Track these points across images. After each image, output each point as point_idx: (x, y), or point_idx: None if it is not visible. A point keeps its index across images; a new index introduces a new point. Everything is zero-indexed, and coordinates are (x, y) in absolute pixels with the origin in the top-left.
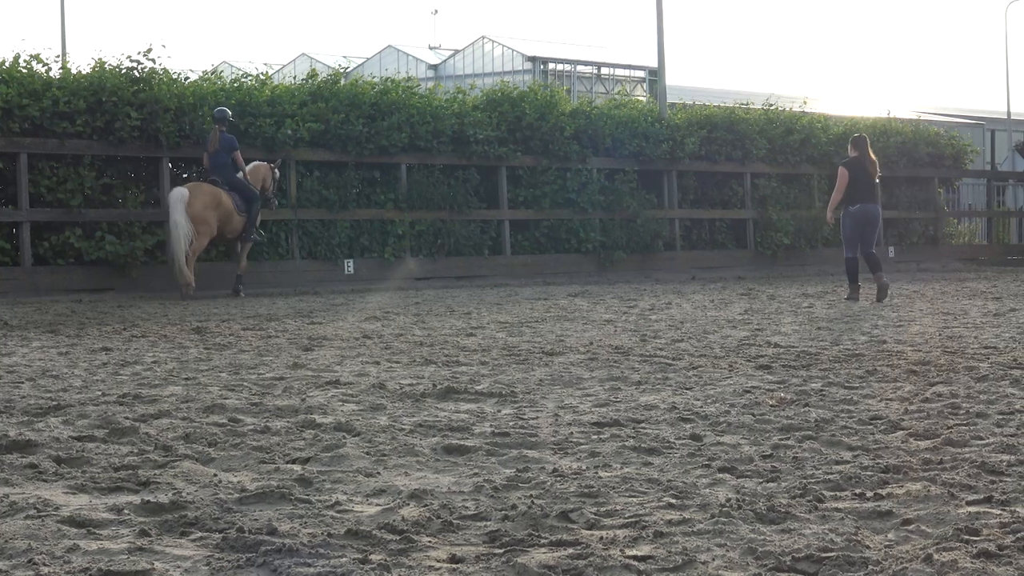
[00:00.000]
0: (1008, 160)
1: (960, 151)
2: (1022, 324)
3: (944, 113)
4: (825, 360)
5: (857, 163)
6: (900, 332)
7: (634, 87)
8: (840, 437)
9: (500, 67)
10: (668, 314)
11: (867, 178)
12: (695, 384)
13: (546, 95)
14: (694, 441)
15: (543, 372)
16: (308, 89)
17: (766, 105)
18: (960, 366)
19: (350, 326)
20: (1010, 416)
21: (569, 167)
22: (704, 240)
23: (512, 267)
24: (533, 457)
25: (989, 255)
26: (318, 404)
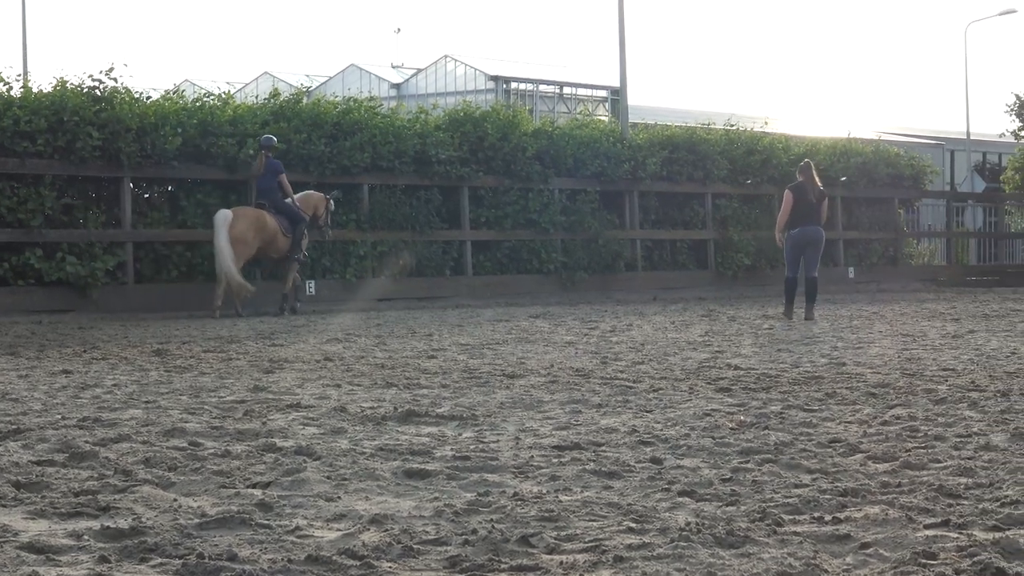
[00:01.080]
0: (967, 181)
1: (920, 172)
2: (980, 346)
3: (904, 133)
4: (785, 382)
5: (801, 188)
6: (859, 354)
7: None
8: (799, 460)
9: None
10: (629, 336)
11: (809, 202)
12: (655, 407)
13: (508, 115)
14: (654, 464)
15: (504, 395)
16: (270, 108)
17: (727, 125)
18: (919, 388)
19: (311, 348)
20: (968, 439)
21: (531, 187)
22: (665, 261)
23: (474, 288)
24: (494, 481)
25: (948, 276)
26: (279, 427)
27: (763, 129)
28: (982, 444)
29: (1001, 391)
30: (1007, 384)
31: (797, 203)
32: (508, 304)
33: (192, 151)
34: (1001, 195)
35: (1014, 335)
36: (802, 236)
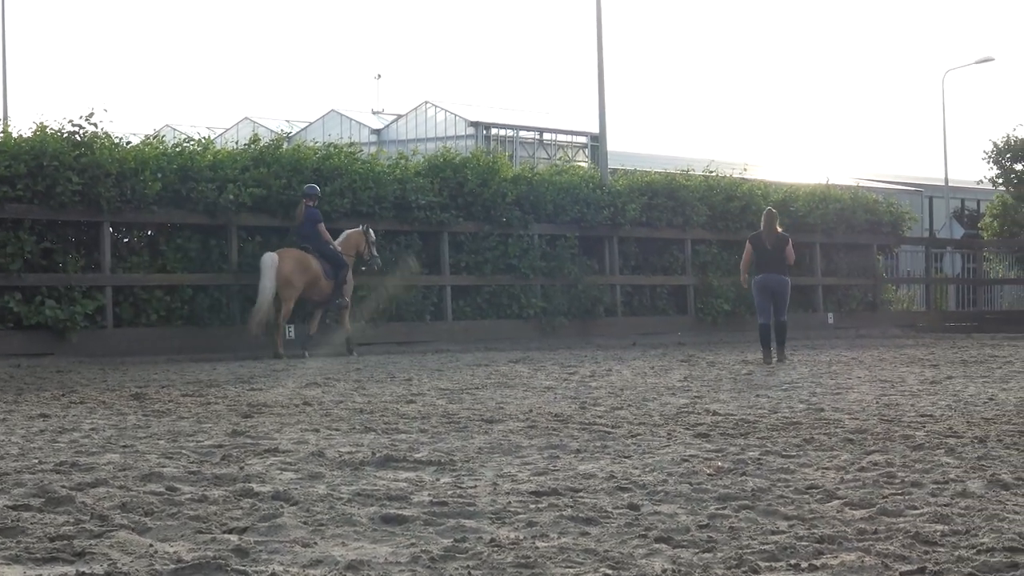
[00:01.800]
0: (946, 227)
1: (898, 218)
2: (959, 392)
3: (883, 180)
4: (763, 428)
5: (758, 237)
6: (838, 400)
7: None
8: (776, 507)
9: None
10: (608, 381)
11: (766, 250)
12: (634, 452)
13: (488, 161)
14: (631, 510)
15: (482, 440)
16: (250, 154)
17: (707, 172)
18: (896, 435)
19: (290, 392)
20: (945, 485)
21: (511, 233)
22: (645, 306)
23: (453, 333)
24: (471, 527)
25: (927, 322)
26: (256, 472)
27: (742, 175)
28: (959, 491)
29: (978, 438)
30: (985, 431)
31: (755, 251)
32: (488, 349)
33: (172, 196)
34: (979, 241)
35: (992, 381)
36: (764, 283)
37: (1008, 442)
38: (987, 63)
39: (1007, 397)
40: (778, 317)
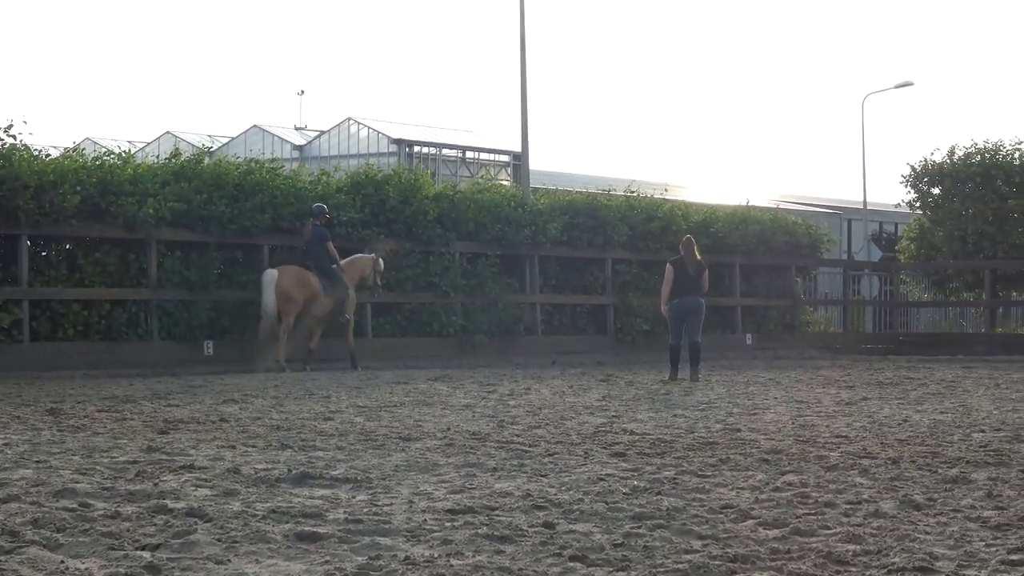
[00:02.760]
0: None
1: (817, 240)
2: (873, 413)
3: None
4: (679, 448)
5: (680, 261)
6: (754, 420)
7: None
8: (691, 526)
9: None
10: (527, 400)
11: (688, 275)
12: (550, 471)
13: (410, 178)
14: (547, 529)
15: (399, 458)
16: (171, 168)
17: (628, 192)
18: (811, 455)
19: (207, 409)
20: (858, 506)
21: (432, 251)
22: (565, 325)
23: (373, 350)
24: (386, 544)
25: (844, 343)
26: (171, 489)
27: (663, 196)
28: (871, 511)
29: (892, 458)
30: (898, 451)
31: (677, 275)
32: (407, 367)
33: (91, 210)
34: (897, 264)
35: (907, 403)
36: (682, 306)
37: (921, 463)
38: (906, 87)
39: (921, 419)
40: (692, 338)
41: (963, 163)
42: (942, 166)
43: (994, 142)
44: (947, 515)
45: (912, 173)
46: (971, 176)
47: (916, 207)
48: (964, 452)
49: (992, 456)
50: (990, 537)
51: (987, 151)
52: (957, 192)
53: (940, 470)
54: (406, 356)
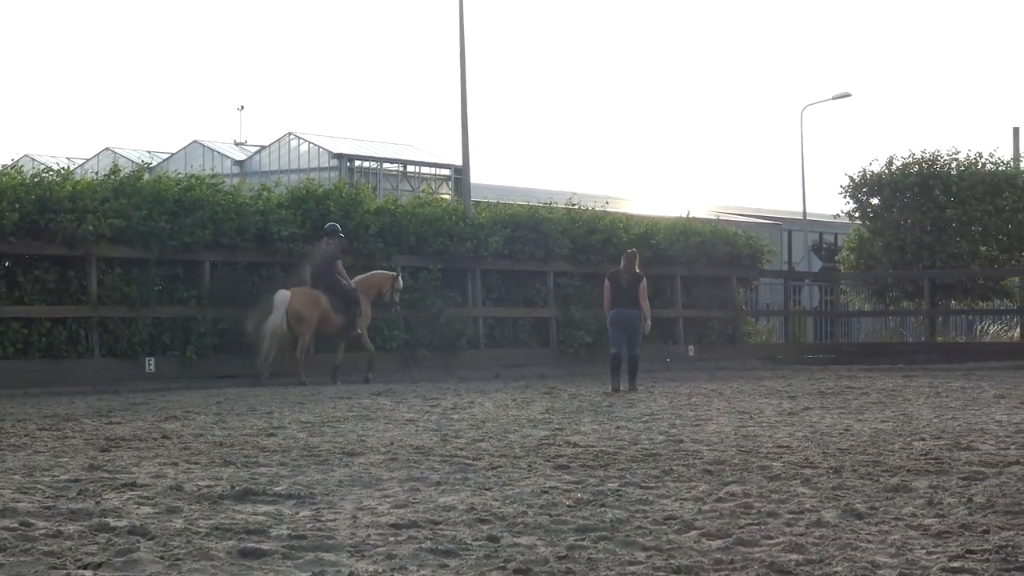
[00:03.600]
0: (804, 260)
1: (758, 251)
2: (815, 423)
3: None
4: (623, 459)
5: (616, 274)
6: (697, 431)
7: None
8: (635, 538)
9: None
10: (470, 413)
11: (621, 287)
12: (494, 484)
13: (351, 193)
14: (491, 542)
15: (343, 473)
16: (111, 185)
17: (569, 204)
18: (754, 465)
19: (149, 426)
20: (800, 515)
21: (373, 265)
22: (508, 338)
23: (315, 365)
24: (329, 560)
25: (786, 354)
26: (113, 507)
27: (604, 208)
28: (814, 520)
29: (834, 468)
30: (840, 461)
31: (613, 287)
32: (350, 382)
33: (30, 227)
34: (837, 274)
35: (848, 412)
36: (617, 317)
37: (863, 472)
38: (844, 98)
39: (862, 428)
40: (631, 352)
41: (901, 173)
42: (880, 176)
43: (931, 152)
44: (888, 523)
45: (851, 183)
46: (909, 186)
47: (855, 217)
48: (905, 461)
49: (933, 464)
50: (931, 545)
51: (924, 161)
52: (895, 202)
53: (881, 479)
54: (349, 371)
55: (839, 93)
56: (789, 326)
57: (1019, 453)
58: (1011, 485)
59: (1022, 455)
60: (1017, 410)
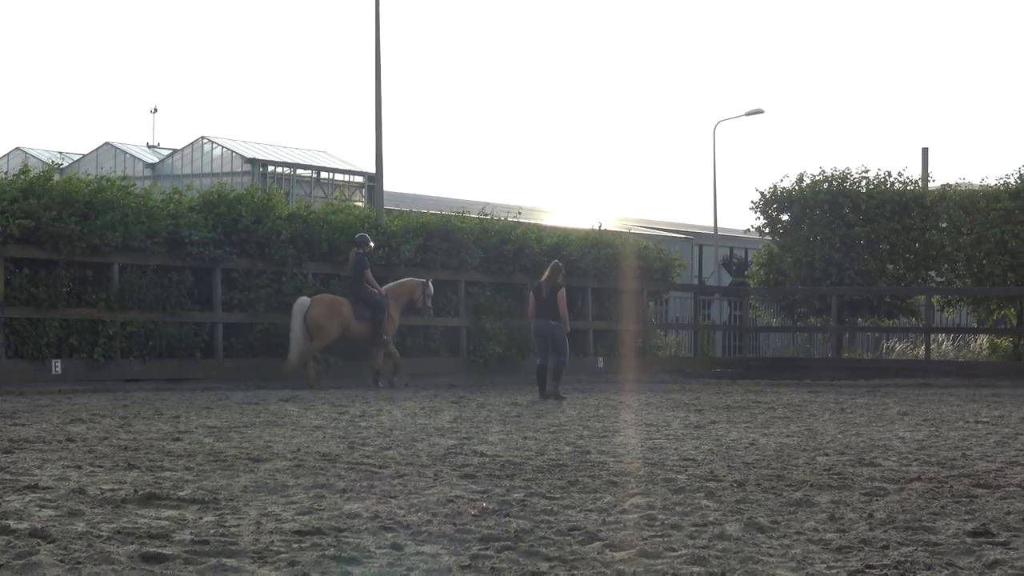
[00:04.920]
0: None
1: (668, 264)
2: (721, 437)
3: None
4: (529, 470)
5: (537, 286)
6: (604, 443)
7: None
8: (538, 548)
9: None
10: (378, 421)
11: (542, 298)
12: (400, 492)
13: (263, 198)
14: (395, 550)
15: (248, 478)
16: (20, 185)
17: (482, 215)
18: (659, 477)
19: (54, 428)
20: (703, 528)
21: (285, 271)
22: (418, 347)
23: (224, 370)
24: (232, 566)
25: (694, 367)
26: (14, 509)
27: (516, 219)
28: (717, 533)
29: (738, 481)
30: (744, 475)
31: (535, 299)
32: (259, 387)
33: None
34: (746, 289)
35: (754, 426)
36: (536, 327)
37: (766, 486)
38: (757, 115)
39: (768, 442)
40: (555, 358)
41: (811, 190)
42: (791, 193)
43: (842, 170)
44: (790, 537)
45: (761, 199)
46: (819, 203)
47: (765, 233)
48: (808, 475)
49: (835, 479)
50: (831, 559)
51: (835, 178)
52: (805, 218)
53: (785, 493)
54: (258, 377)
55: (752, 109)
56: (698, 340)
57: (921, 470)
58: (912, 501)
59: (924, 471)
60: (920, 427)
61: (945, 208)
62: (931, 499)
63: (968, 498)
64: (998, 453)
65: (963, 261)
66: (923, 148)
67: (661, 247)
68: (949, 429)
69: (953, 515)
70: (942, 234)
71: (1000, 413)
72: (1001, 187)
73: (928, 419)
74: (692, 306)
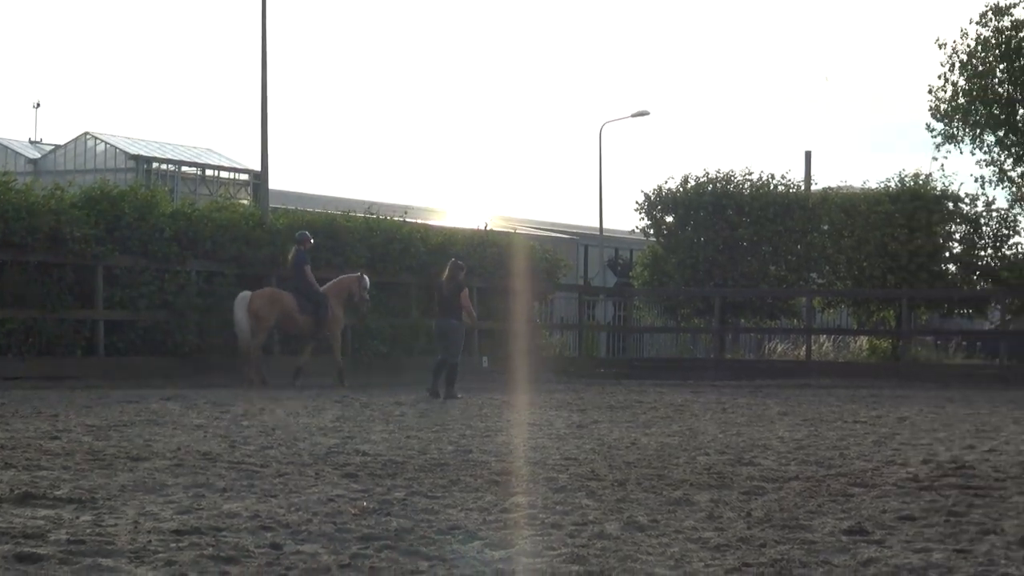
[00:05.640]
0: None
1: (554, 265)
2: (603, 436)
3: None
4: (411, 469)
5: (439, 284)
6: (486, 442)
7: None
8: (418, 547)
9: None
10: (261, 420)
11: (443, 296)
12: (280, 491)
13: (147, 195)
14: (274, 550)
15: (127, 478)
16: None
17: (368, 214)
18: (540, 477)
19: None
20: (583, 527)
21: (168, 268)
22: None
23: (105, 369)
24: (108, 566)
25: (579, 367)
26: None
27: (402, 219)
28: (596, 532)
29: (619, 480)
30: (625, 474)
31: (437, 298)
32: (140, 386)
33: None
34: (630, 290)
35: (636, 426)
36: (436, 326)
37: (647, 485)
38: (643, 116)
39: (649, 442)
40: (447, 359)
41: (695, 192)
42: (675, 194)
43: (725, 172)
44: (669, 536)
45: (646, 201)
46: (703, 205)
47: (650, 234)
48: (688, 475)
49: (715, 479)
50: (709, 557)
51: (719, 180)
52: (689, 220)
53: (664, 492)
54: (140, 375)
55: (638, 111)
56: (583, 340)
57: (799, 469)
58: (789, 500)
59: (802, 471)
60: (799, 427)
61: (827, 211)
62: (808, 498)
63: (844, 497)
64: (875, 453)
65: (844, 263)
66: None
67: (547, 247)
68: (828, 429)
69: (830, 514)
70: (824, 236)
71: (878, 413)
72: (882, 191)
73: (807, 419)
74: (577, 306)
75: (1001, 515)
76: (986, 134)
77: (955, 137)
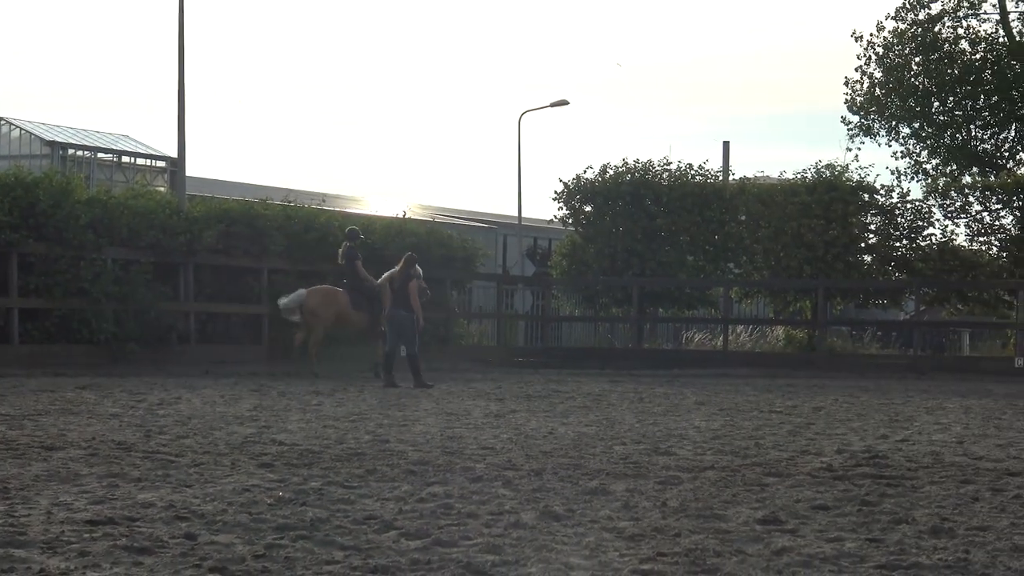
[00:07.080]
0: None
1: (472, 254)
2: (520, 426)
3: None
4: (327, 459)
5: (392, 276)
6: (403, 432)
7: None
8: (334, 537)
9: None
10: (176, 409)
11: (395, 288)
12: (195, 481)
13: (62, 182)
14: (188, 540)
15: (40, 467)
16: None
17: (285, 202)
18: (457, 466)
19: None
20: (499, 516)
21: (84, 256)
22: (219, 334)
23: (20, 357)
24: (19, 556)
25: (497, 356)
26: None
27: (320, 207)
28: (512, 522)
29: (535, 470)
30: (542, 463)
31: (390, 290)
32: (56, 375)
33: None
34: (549, 279)
35: (553, 415)
36: (387, 316)
37: (563, 475)
38: (562, 106)
39: (566, 431)
40: (407, 350)
41: (614, 181)
42: (594, 184)
43: (644, 162)
44: (585, 526)
45: (565, 190)
46: (621, 194)
47: (568, 223)
48: (605, 464)
49: (631, 468)
50: (624, 547)
51: (637, 170)
52: (608, 210)
53: (581, 482)
54: (55, 363)
55: (557, 100)
56: (501, 329)
57: (714, 459)
58: (704, 490)
59: (717, 460)
60: (716, 416)
61: (744, 201)
62: (723, 487)
63: (759, 487)
64: (790, 442)
65: (761, 253)
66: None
67: (465, 236)
68: (744, 419)
69: (744, 503)
70: (741, 227)
71: (794, 403)
72: (798, 182)
73: (724, 409)
74: (495, 295)
75: (913, 504)
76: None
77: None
